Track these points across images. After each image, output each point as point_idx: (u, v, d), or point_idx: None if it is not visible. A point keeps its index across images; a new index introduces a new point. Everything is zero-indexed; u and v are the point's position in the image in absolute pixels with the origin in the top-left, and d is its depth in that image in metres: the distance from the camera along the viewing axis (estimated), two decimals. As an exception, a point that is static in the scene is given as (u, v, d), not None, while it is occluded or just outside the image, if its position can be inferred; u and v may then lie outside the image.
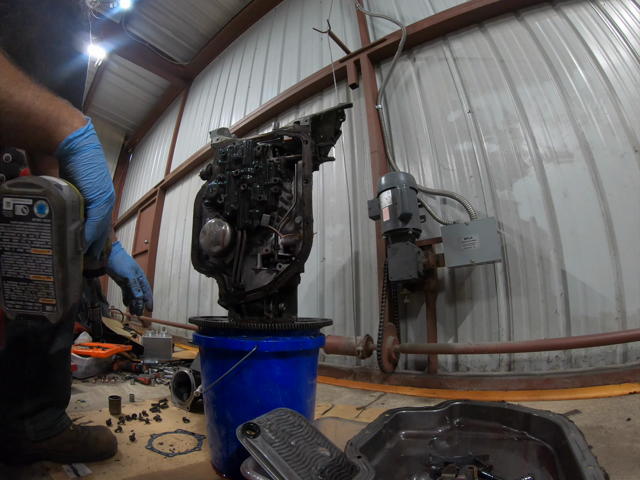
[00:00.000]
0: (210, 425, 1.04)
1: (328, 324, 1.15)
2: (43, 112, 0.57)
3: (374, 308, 2.39)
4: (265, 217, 1.09)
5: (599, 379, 1.52)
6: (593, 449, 0.73)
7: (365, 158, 2.72)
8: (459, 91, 2.42)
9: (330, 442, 0.82)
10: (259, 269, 1.09)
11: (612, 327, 1.67)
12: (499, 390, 1.69)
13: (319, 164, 1.28)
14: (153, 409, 1.55)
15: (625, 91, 1.88)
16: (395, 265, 1.97)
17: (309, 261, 1.14)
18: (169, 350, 2.70)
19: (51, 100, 0.59)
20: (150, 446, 1.16)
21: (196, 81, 6.06)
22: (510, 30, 2.35)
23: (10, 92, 0.54)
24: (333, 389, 2.04)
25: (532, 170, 2.03)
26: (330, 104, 3.17)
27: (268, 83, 4.04)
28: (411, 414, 0.99)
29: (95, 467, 1.00)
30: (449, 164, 2.33)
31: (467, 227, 1.93)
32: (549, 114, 2.05)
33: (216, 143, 1.27)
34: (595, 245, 1.78)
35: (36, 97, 0.57)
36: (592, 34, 2.06)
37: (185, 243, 4.67)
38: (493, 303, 1.99)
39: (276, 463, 0.66)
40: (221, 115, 4.78)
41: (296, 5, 4.16)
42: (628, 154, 1.79)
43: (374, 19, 3.10)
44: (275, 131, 1.19)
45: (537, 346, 1.69)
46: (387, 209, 2.08)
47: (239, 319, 1.07)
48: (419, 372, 2.10)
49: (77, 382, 2.02)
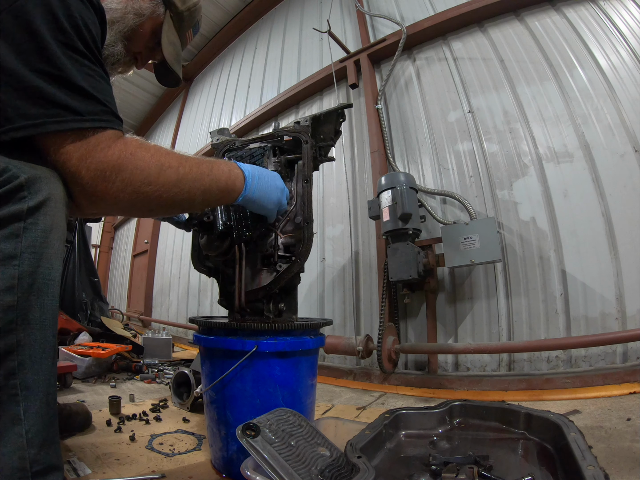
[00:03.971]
0: (210, 425, 1.04)
1: (328, 324, 1.15)
2: (219, 187, 0.82)
3: (374, 308, 2.39)
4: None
5: (599, 379, 1.52)
6: (593, 449, 0.73)
7: (365, 158, 2.72)
8: (459, 91, 2.42)
9: (330, 442, 0.82)
10: (259, 269, 1.09)
11: (612, 327, 1.67)
12: (499, 390, 1.69)
13: (319, 164, 1.28)
14: (153, 409, 1.55)
15: (625, 91, 1.88)
16: (395, 265, 1.97)
17: (309, 261, 1.14)
18: (169, 350, 2.70)
19: (215, 168, 0.82)
20: (150, 446, 1.16)
21: (196, 81, 6.06)
22: (510, 30, 2.35)
23: (202, 181, 0.79)
24: (333, 389, 2.04)
25: (532, 170, 2.03)
26: (330, 104, 3.17)
27: (268, 83, 4.04)
28: (411, 414, 0.99)
29: (96, 467, 1.00)
30: (449, 164, 2.33)
31: (467, 227, 1.93)
32: (549, 114, 2.05)
33: (216, 143, 1.27)
34: (595, 245, 1.78)
35: (214, 176, 0.81)
36: (592, 34, 2.06)
37: (185, 243, 4.67)
38: (493, 303, 1.99)
39: (276, 463, 0.66)
40: (221, 115, 4.78)
41: (296, 5, 4.16)
42: (628, 154, 1.79)
43: (374, 19, 3.10)
44: (276, 131, 1.19)
45: (537, 346, 1.69)
46: (387, 209, 2.08)
47: (239, 319, 1.07)
48: (419, 372, 2.10)
49: (77, 382, 2.02)
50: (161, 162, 0.73)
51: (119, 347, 2.36)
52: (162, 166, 0.73)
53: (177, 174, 0.74)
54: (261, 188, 0.91)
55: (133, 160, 0.69)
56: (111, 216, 7.71)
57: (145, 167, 0.70)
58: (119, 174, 0.67)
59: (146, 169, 0.70)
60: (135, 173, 0.68)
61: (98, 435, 1.24)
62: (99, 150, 0.65)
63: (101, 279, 4.41)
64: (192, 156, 0.80)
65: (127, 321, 5.36)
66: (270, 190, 0.94)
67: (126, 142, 0.70)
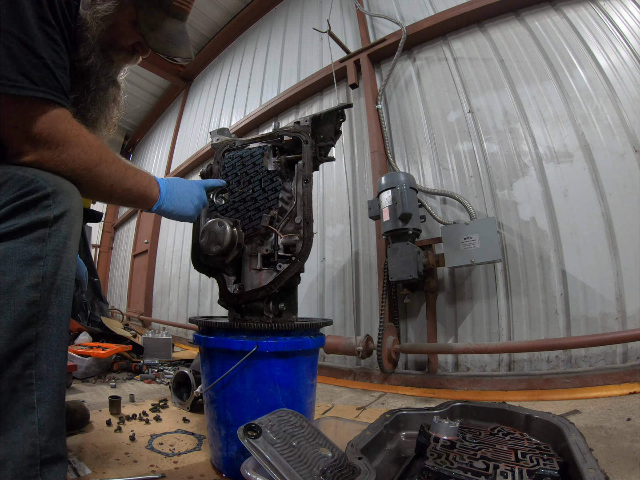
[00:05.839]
0: (210, 425, 1.04)
1: (328, 324, 1.15)
2: (138, 191, 0.88)
3: (374, 308, 2.39)
4: (265, 217, 1.09)
5: (599, 379, 1.52)
6: (593, 449, 0.73)
7: (365, 158, 2.72)
8: (459, 91, 2.42)
9: (332, 443, 0.82)
10: (259, 269, 1.09)
11: (612, 327, 1.67)
12: (499, 390, 1.69)
13: (319, 164, 1.28)
14: (153, 409, 1.55)
15: (625, 91, 1.88)
16: (395, 265, 1.97)
17: (309, 261, 1.14)
18: (169, 350, 2.70)
19: (138, 175, 0.88)
20: (150, 446, 1.16)
21: (196, 81, 6.06)
22: (510, 30, 2.34)
23: (125, 181, 0.84)
24: (333, 389, 2.04)
25: (532, 170, 2.03)
26: (330, 104, 3.17)
27: (268, 83, 4.04)
28: (412, 415, 0.99)
29: (96, 467, 1.00)
30: (449, 164, 2.33)
31: (467, 227, 1.93)
32: (549, 114, 2.05)
33: (216, 143, 1.27)
34: (595, 245, 1.78)
35: (135, 181, 0.87)
36: (592, 34, 2.06)
37: (185, 243, 4.67)
38: (493, 303, 1.99)
39: (278, 464, 0.66)
40: (221, 115, 4.78)
41: (296, 5, 4.16)
42: (628, 154, 1.79)
43: (374, 19, 3.10)
44: (276, 131, 1.19)
45: (537, 346, 1.69)
46: (387, 209, 2.08)
47: (239, 319, 1.07)
48: (419, 372, 2.10)
49: (77, 382, 2.02)
50: (101, 154, 0.78)
51: (119, 347, 2.36)
52: (101, 157, 0.78)
53: (109, 169, 0.80)
54: (174, 202, 0.97)
55: (81, 142, 0.74)
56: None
57: (90, 153, 0.76)
58: (66, 147, 0.72)
59: (90, 155, 0.75)
60: (81, 154, 0.74)
61: (98, 435, 1.24)
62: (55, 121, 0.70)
63: (101, 279, 4.41)
64: (122, 158, 0.87)
65: (127, 321, 5.36)
66: (185, 202, 1.00)
67: (74, 123, 0.75)
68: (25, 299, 0.62)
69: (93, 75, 0.89)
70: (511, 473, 0.66)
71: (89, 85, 0.90)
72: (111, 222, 7.92)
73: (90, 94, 0.91)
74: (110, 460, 1.05)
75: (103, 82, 0.93)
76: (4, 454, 0.59)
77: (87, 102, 0.91)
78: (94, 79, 0.89)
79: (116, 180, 0.82)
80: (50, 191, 0.66)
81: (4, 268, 0.61)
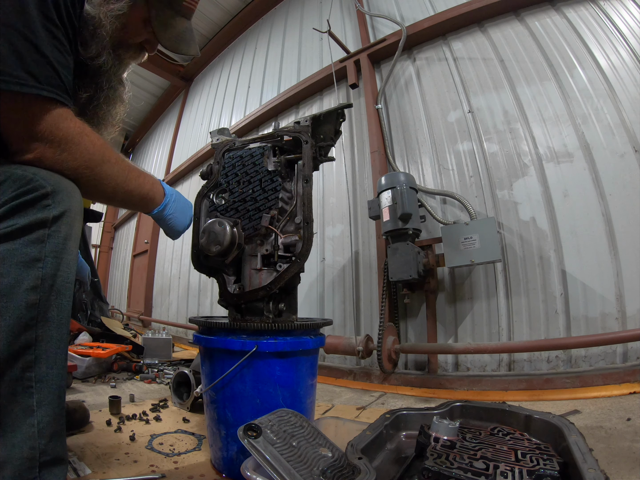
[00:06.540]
0: (210, 425, 1.04)
1: (328, 324, 1.15)
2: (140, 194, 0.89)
3: (374, 308, 2.39)
4: (265, 217, 1.09)
5: (599, 379, 1.52)
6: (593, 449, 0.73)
7: (365, 158, 2.72)
8: (459, 91, 2.42)
9: (332, 443, 0.82)
10: (259, 269, 1.09)
11: (612, 327, 1.67)
12: (499, 390, 1.69)
13: (319, 164, 1.28)
14: (153, 409, 1.55)
15: (625, 91, 1.88)
16: (395, 265, 1.97)
17: (309, 261, 1.14)
18: (169, 350, 2.70)
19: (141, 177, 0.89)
20: (150, 446, 1.16)
21: (196, 81, 6.06)
22: (510, 30, 2.34)
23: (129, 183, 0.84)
24: (333, 389, 2.04)
25: (532, 170, 2.03)
26: (330, 104, 3.17)
27: (268, 83, 4.04)
28: (412, 415, 0.99)
29: (96, 467, 1.00)
30: (449, 164, 2.33)
31: (467, 227, 1.93)
32: (549, 114, 2.05)
33: (216, 143, 1.27)
34: (595, 245, 1.78)
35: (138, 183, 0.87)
36: (592, 34, 2.06)
37: (185, 243, 4.67)
38: (493, 303, 1.99)
39: (278, 464, 0.66)
40: (221, 115, 4.78)
41: (296, 5, 4.16)
42: (628, 154, 1.79)
43: (374, 19, 3.10)
44: (276, 131, 1.19)
45: (537, 346, 1.69)
46: (387, 209, 2.08)
47: (239, 319, 1.07)
48: (419, 372, 2.10)
49: (77, 382, 2.02)
50: (104, 154, 0.78)
51: (119, 347, 2.36)
52: (104, 157, 0.77)
53: (112, 169, 0.80)
54: (175, 210, 0.99)
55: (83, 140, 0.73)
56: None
57: (93, 152, 0.75)
58: (68, 146, 0.71)
59: (92, 154, 0.75)
60: (83, 153, 0.73)
61: (98, 435, 1.24)
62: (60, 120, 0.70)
63: (101, 279, 4.41)
64: (126, 158, 0.87)
65: (127, 321, 5.35)
66: (185, 214, 1.02)
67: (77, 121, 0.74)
68: (25, 302, 0.61)
69: (105, 73, 0.89)
70: (511, 473, 0.66)
71: (102, 83, 0.90)
72: (111, 222, 7.92)
73: (104, 92, 0.91)
74: (110, 460, 1.05)
75: (114, 81, 0.93)
76: (3, 456, 0.58)
77: (100, 101, 0.92)
78: (106, 77, 0.90)
79: (119, 181, 0.82)
80: (50, 190, 0.65)
81: (2, 270, 0.60)
